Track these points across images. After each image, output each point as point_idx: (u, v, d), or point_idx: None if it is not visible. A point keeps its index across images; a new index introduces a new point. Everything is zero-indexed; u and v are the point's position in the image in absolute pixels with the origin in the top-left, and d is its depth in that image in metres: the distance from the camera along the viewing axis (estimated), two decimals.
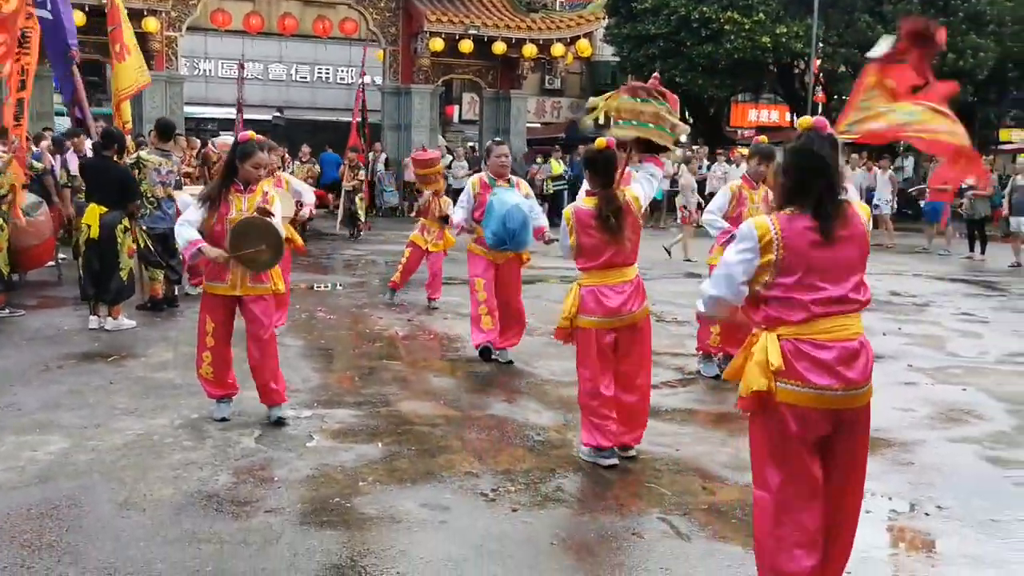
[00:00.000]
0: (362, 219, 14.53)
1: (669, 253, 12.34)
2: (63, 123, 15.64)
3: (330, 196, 16.19)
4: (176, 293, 7.94)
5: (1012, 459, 4.53)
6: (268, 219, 4.45)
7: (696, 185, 14.13)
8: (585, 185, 4.24)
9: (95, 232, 6.77)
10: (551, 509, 3.72)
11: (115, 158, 7.08)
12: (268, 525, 3.46)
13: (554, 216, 18.34)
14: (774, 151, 5.68)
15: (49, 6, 7.85)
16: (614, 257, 4.12)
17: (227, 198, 4.51)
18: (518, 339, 6.29)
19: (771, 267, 2.63)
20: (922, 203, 15.77)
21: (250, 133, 4.70)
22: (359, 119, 15.66)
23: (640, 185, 4.30)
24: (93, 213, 6.81)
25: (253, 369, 4.69)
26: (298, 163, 14.94)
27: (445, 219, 8.11)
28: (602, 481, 4.04)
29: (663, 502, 3.85)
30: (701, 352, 6.01)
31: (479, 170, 6.85)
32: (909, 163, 19.36)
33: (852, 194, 7.97)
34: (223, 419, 4.70)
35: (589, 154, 4.19)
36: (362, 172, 14.48)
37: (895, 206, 16.05)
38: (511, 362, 6.16)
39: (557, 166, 18.38)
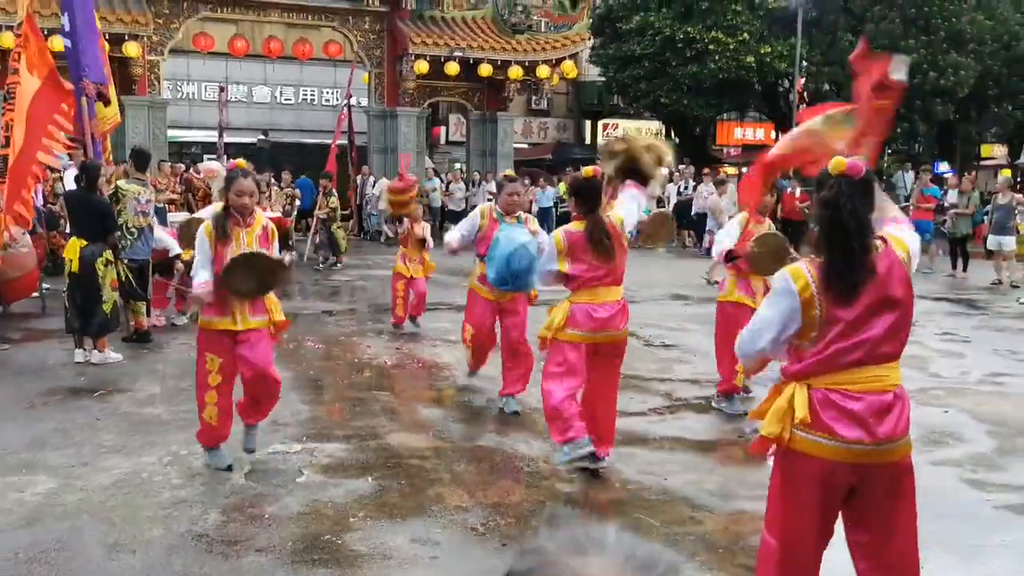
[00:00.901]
0: (342, 248, 13.78)
1: (709, 282, 12.00)
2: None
3: (305, 221, 15.99)
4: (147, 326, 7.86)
5: (993, 482, 4.59)
6: (257, 254, 4.33)
7: (724, 207, 13.59)
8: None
9: (76, 266, 6.78)
10: None
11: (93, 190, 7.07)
12: (259, 564, 3.47)
13: None
14: (778, 182, 5.84)
15: (68, 32, 7.90)
16: (605, 277, 4.26)
17: (230, 232, 4.36)
18: (523, 385, 5.77)
19: (813, 323, 2.49)
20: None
21: (239, 161, 4.70)
22: (342, 142, 15.49)
23: (624, 208, 4.42)
24: (74, 247, 6.82)
25: (249, 408, 4.58)
26: (277, 188, 14.85)
27: (422, 242, 8.16)
28: (591, 512, 4.06)
29: (652, 532, 3.87)
30: (721, 393, 5.86)
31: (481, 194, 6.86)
32: (909, 176, 19.17)
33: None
34: (229, 467, 4.48)
35: (576, 182, 4.33)
36: (334, 199, 13.82)
37: None
38: (517, 413, 5.65)
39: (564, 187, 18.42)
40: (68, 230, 7.94)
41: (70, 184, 9.06)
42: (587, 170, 4.34)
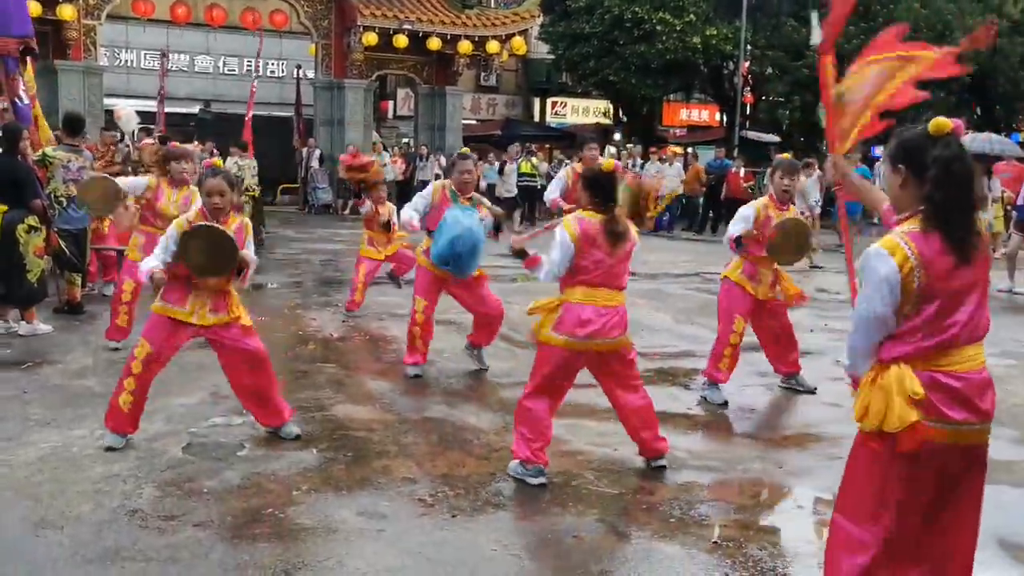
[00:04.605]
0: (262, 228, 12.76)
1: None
2: None
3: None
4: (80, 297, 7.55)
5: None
6: (225, 234, 4.11)
7: (810, 189, 13.30)
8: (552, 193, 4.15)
9: None
10: (491, 514, 3.68)
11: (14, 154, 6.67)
12: (197, 540, 3.32)
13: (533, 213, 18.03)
14: (799, 165, 5.56)
15: None
16: (609, 276, 3.95)
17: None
18: (491, 337, 5.98)
19: (912, 297, 2.33)
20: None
21: (215, 160, 4.53)
22: (250, 114, 14.52)
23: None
24: None
25: (247, 398, 4.42)
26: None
27: (387, 225, 7.80)
28: (541, 484, 4.01)
29: (602, 503, 3.84)
30: (707, 378, 5.53)
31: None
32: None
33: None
34: (110, 448, 4.20)
35: (592, 174, 4.08)
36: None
37: (821, 204, 16.49)
38: (486, 369, 5.91)
39: (526, 165, 18.17)
40: None
41: None
42: (607, 163, 4.13)
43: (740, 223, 5.39)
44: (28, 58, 7.66)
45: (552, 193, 7.47)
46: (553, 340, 3.96)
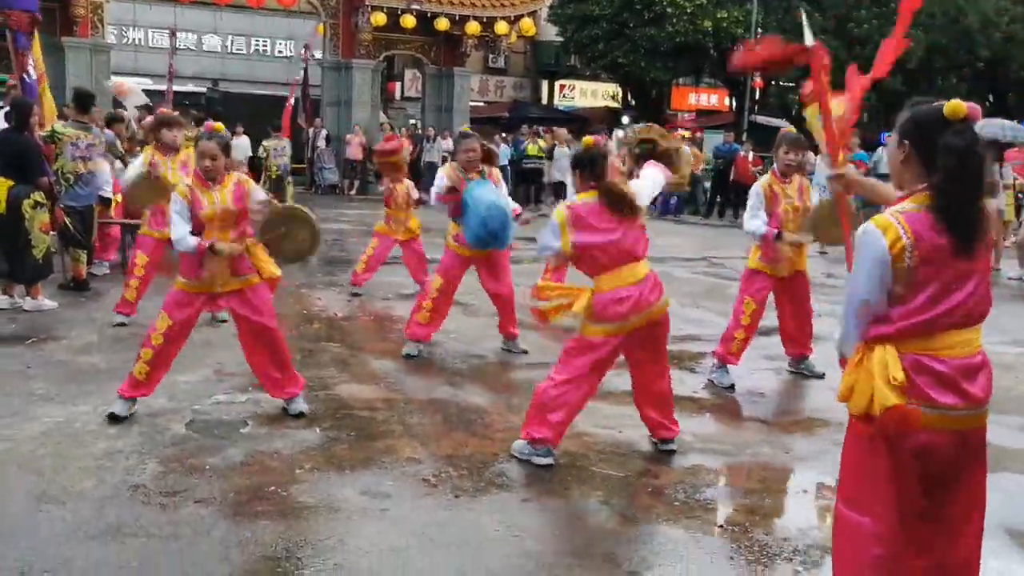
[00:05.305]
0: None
1: None
2: None
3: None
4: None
5: None
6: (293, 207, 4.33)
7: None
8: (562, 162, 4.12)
9: (2, 207, 6.40)
10: (494, 495, 3.65)
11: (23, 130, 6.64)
12: (199, 516, 3.30)
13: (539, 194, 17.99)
14: (803, 139, 5.48)
15: None
16: (627, 248, 3.88)
17: (195, 193, 4.20)
18: (511, 318, 5.99)
19: (902, 276, 2.27)
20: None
21: (216, 124, 4.54)
22: (291, 101, 14.51)
23: (637, 183, 4.17)
24: (1, 187, 6.42)
25: (257, 365, 4.43)
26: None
27: (419, 202, 7.64)
28: (548, 464, 3.98)
29: (606, 485, 3.82)
30: (718, 359, 5.46)
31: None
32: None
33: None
34: (112, 416, 4.24)
35: (577, 155, 4.05)
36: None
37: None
38: (526, 351, 5.93)
39: (532, 147, 18.09)
40: None
41: (1, 124, 8.55)
42: (586, 140, 4.12)
43: (758, 213, 5.29)
44: (35, 31, 7.62)
45: (563, 168, 7.31)
46: (597, 331, 3.90)
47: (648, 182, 4.20)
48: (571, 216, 3.88)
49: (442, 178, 5.67)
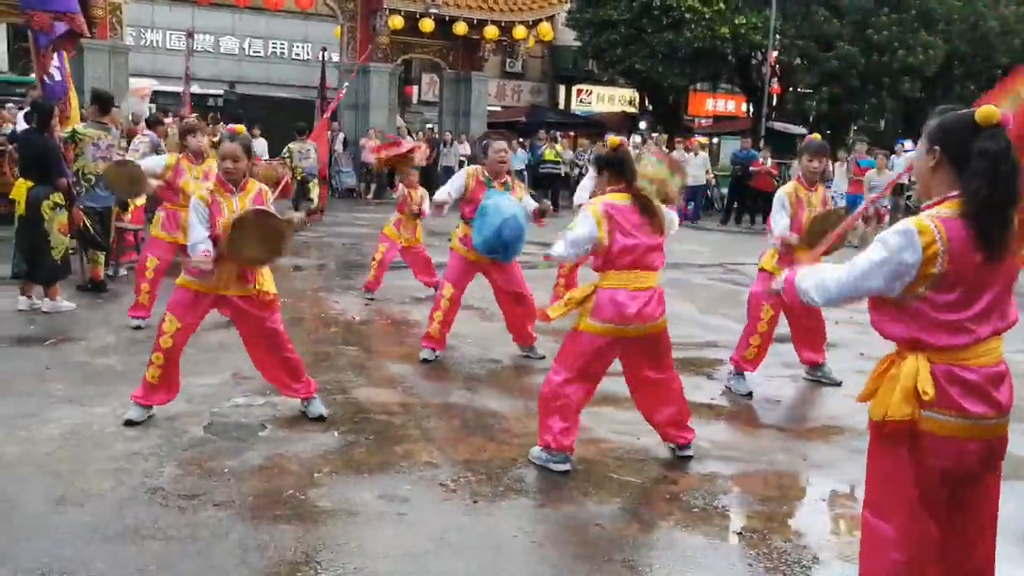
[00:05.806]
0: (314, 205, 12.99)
1: None
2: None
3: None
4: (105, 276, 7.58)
5: None
6: (263, 214, 4.09)
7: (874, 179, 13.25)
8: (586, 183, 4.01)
9: (22, 208, 6.46)
10: (512, 500, 3.64)
11: (44, 131, 6.70)
12: (217, 519, 3.31)
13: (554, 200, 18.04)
14: (826, 147, 5.42)
15: None
16: (645, 256, 3.87)
17: (221, 199, 4.17)
18: (528, 323, 5.85)
19: (928, 280, 2.23)
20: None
21: (238, 127, 4.53)
22: (331, 111, 14.53)
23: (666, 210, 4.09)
24: (20, 188, 6.47)
25: (265, 370, 4.45)
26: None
27: (417, 215, 7.70)
28: (565, 471, 3.96)
29: (625, 492, 3.79)
30: (734, 366, 5.43)
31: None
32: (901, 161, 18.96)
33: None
34: (129, 421, 4.23)
35: (605, 155, 4.02)
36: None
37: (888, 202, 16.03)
38: (543, 356, 5.82)
39: (550, 152, 18.09)
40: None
41: (22, 125, 8.63)
42: (612, 140, 4.05)
43: (783, 217, 5.22)
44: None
45: (582, 197, 6.95)
46: (593, 328, 3.89)
47: (671, 216, 4.11)
48: (604, 211, 3.84)
49: (460, 182, 5.60)
